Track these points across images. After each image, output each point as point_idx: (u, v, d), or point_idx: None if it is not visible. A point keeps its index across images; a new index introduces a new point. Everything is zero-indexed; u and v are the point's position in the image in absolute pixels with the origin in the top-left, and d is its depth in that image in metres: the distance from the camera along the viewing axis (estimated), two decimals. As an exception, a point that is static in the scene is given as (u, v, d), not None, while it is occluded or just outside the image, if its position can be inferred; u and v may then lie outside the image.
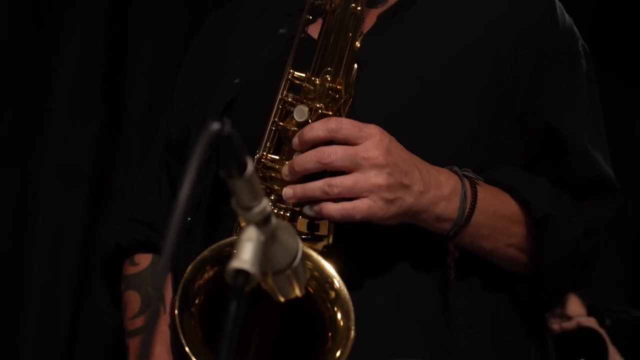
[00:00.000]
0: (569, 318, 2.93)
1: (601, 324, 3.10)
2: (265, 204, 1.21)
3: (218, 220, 1.78)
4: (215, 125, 1.11)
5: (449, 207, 1.65)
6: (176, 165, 1.93)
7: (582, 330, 3.02)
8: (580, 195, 1.77)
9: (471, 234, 1.69)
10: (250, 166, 1.19)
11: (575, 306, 3.10)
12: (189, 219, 1.83)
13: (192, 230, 1.81)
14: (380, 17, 1.80)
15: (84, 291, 2.77)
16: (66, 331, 2.77)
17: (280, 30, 1.85)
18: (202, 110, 1.87)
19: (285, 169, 1.61)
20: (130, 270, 1.94)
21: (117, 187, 2.83)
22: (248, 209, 1.21)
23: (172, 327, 1.80)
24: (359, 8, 1.65)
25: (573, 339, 2.87)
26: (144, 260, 1.94)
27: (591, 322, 3.04)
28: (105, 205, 2.82)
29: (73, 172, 2.80)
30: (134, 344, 1.89)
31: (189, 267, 1.54)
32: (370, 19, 1.80)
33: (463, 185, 1.67)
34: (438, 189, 1.64)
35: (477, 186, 1.69)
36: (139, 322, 1.89)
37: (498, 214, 1.72)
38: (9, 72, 2.75)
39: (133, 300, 1.91)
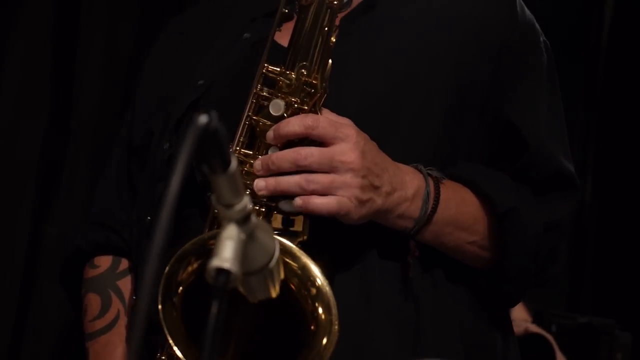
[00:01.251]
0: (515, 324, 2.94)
1: (547, 330, 3.13)
2: (247, 201, 1.18)
3: (182, 222, 1.75)
4: (203, 118, 1.06)
5: (411, 207, 1.68)
6: (137, 168, 1.92)
7: (530, 336, 3.04)
8: (540, 191, 1.80)
9: (433, 232, 1.72)
10: (234, 162, 1.15)
11: (520, 312, 3.12)
12: (149, 218, 1.80)
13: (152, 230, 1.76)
14: (343, 20, 1.80)
15: (30, 290, 2.71)
16: (11, 331, 2.70)
17: (245, 35, 1.84)
18: (164, 114, 1.86)
19: (258, 164, 1.60)
20: (90, 273, 1.92)
21: (64, 186, 2.77)
22: (229, 206, 1.18)
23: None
24: (335, 2, 1.64)
25: (521, 344, 2.87)
26: (103, 262, 1.92)
27: (539, 328, 3.06)
28: (52, 204, 2.76)
29: (20, 170, 2.74)
30: (94, 347, 1.88)
31: (171, 260, 1.50)
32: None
33: (427, 185, 1.69)
34: (403, 190, 1.66)
35: (441, 185, 1.72)
36: (99, 324, 1.88)
37: (460, 212, 1.75)
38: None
39: (93, 302, 1.90)
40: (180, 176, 1.01)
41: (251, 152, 1.63)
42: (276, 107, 1.61)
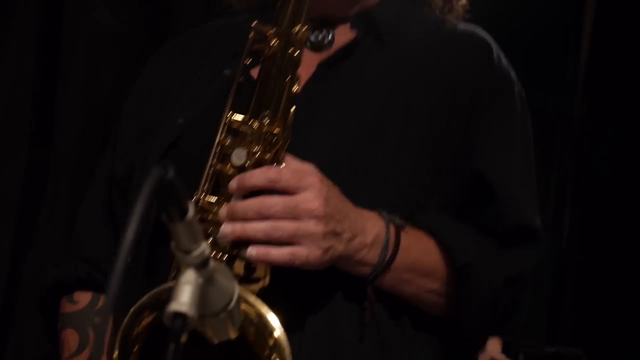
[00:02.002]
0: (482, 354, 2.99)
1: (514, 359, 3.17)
2: (205, 247, 1.23)
3: (157, 261, 1.78)
4: (158, 170, 1.12)
5: (370, 254, 1.69)
6: (119, 201, 1.92)
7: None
8: (504, 242, 1.81)
9: (392, 278, 1.73)
10: (192, 210, 1.20)
11: (494, 344, 3.16)
12: (129, 260, 1.82)
13: (130, 271, 1.80)
14: (320, 64, 1.84)
15: (9, 324, 2.74)
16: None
17: (225, 72, 1.85)
18: (146, 147, 1.87)
19: (223, 212, 1.62)
20: (68, 308, 1.92)
21: (43, 223, 2.81)
22: (187, 252, 1.23)
23: None
24: (296, 53, 1.67)
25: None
26: (83, 298, 1.92)
27: (505, 358, 3.10)
28: (32, 241, 2.79)
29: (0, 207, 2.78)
30: None
31: (128, 314, 1.54)
32: (312, 66, 1.84)
33: (387, 232, 1.71)
34: (362, 236, 1.68)
35: (402, 233, 1.73)
36: None
37: (420, 260, 1.76)
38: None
39: (70, 339, 1.89)
40: (136, 226, 1.06)
41: (214, 200, 1.66)
42: (238, 156, 1.64)
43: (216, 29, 2.03)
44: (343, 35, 1.89)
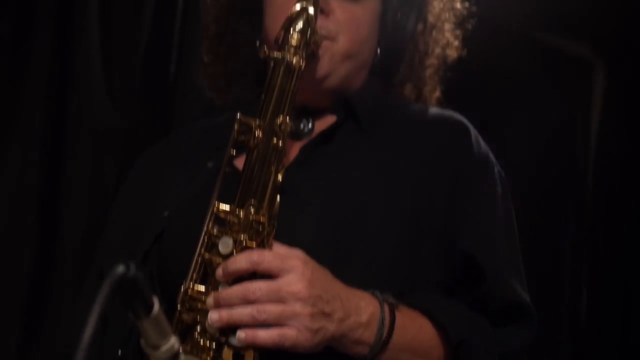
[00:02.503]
0: None
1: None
2: (173, 341, 1.24)
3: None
4: (120, 269, 1.12)
5: (366, 333, 1.70)
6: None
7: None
8: (496, 321, 1.83)
9: (388, 358, 1.73)
10: (157, 306, 1.20)
11: None
12: (120, 352, 1.83)
13: None
14: (302, 149, 1.89)
15: None
16: None
17: (209, 164, 1.91)
18: (132, 245, 1.90)
19: (210, 301, 1.65)
20: None
21: (50, 321, 2.81)
22: (156, 347, 1.23)
23: None
24: (280, 143, 1.71)
25: None
26: None
27: None
28: (37, 340, 2.79)
29: (5, 305, 2.79)
30: None
31: None
32: (294, 151, 1.89)
33: (382, 311, 1.72)
34: (357, 315, 1.69)
35: (397, 312, 1.74)
36: None
37: (416, 339, 1.77)
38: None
39: None
40: (94, 326, 1.06)
41: (203, 289, 1.68)
42: (225, 244, 1.67)
43: (201, 126, 2.10)
44: (323, 121, 1.95)
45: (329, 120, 1.95)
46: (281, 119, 1.72)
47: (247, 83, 2.07)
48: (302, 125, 1.94)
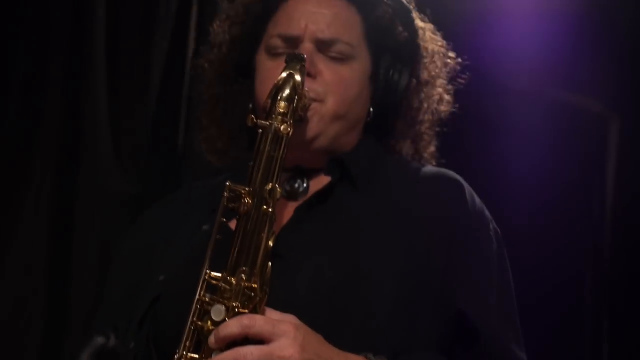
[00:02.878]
0: None
1: None
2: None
3: None
4: (100, 339, 1.14)
5: None
6: None
7: None
8: None
9: None
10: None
11: None
12: None
13: None
14: (297, 210, 1.91)
15: None
16: None
17: (204, 227, 1.93)
18: (128, 309, 1.92)
19: None
20: None
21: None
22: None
23: None
24: (270, 209, 1.73)
25: None
26: None
27: None
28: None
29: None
30: None
31: None
32: (289, 211, 1.91)
33: None
34: None
35: None
36: None
37: None
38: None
39: None
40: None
41: (197, 357, 1.69)
42: (217, 312, 1.69)
43: (200, 186, 2.13)
44: (318, 181, 1.97)
45: (323, 180, 1.97)
46: (270, 185, 1.73)
47: (244, 144, 2.10)
48: (297, 185, 1.96)
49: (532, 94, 3.34)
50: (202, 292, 1.72)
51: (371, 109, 2.03)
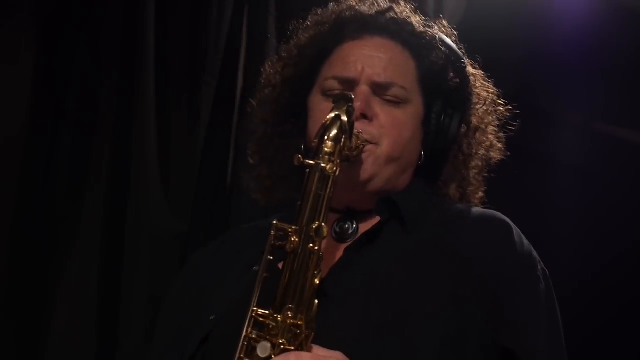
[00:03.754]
0: None
1: None
2: None
3: None
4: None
5: None
6: None
7: None
8: None
9: None
10: None
11: None
12: None
13: None
14: (347, 249, 1.93)
15: None
16: None
17: (255, 268, 1.92)
18: (180, 347, 1.95)
19: None
20: None
21: None
22: None
23: None
24: (316, 247, 1.74)
25: None
26: None
27: None
28: None
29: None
30: None
31: None
32: (338, 253, 1.94)
33: None
34: None
35: None
36: None
37: None
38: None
39: None
40: None
41: None
42: (263, 349, 1.71)
43: (250, 228, 2.16)
44: (367, 222, 1.99)
45: (372, 222, 1.99)
46: (317, 224, 1.75)
47: (293, 184, 2.12)
48: (346, 227, 1.99)
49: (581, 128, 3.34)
50: (249, 329, 1.74)
51: (422, 153, 2.05)
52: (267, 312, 1.74)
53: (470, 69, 2.13)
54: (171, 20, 3.12)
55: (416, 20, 2.13)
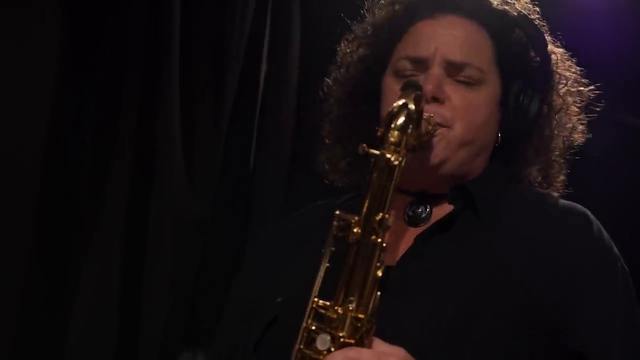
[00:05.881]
0: None
1: None
2: None
3: None
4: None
5: None
6: None
7: None
8: None
9: None
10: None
11: None
12: None
13: None
14: (417, 238, 1.89)
15: None
16: None
17: (323, 250, 1.83)
18: (247, 330, 1.92)
19: None
20: None
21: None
22: None
23: None
24: (379, 240, 1.70)
25: None
26: None
27: None
28: None
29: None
30: None
31: None
32: (409, 238, 1.90)
33: None
34: None
35: None
36: None
37: None
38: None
39: None
40: None
41: None
42: (323, 341, 1.67)
43: (322, 207, 2.09)
44: (441, 208, 1.94)
45: (447, 207, 1.94)
46: (380, 215, 1.70)
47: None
48: (419, 211, 1.95)
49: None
50: (309, 320, 1.70)
51: (499, 135, 2.00)
52: (327, 303, 1.70)
53: (552, 47, 2.06)
54: (196, 5, 3.09)
55: None
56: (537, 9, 2.08)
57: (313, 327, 1.70)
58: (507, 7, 2.03)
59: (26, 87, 2.80)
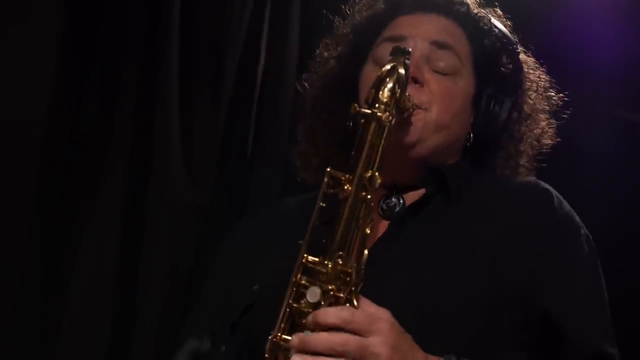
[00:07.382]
0: None
1: None
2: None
3: None
4: (194, 342, 1.16)
5: None
6: None
7: None
8: None
9: None
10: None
11: None
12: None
13: None
14: (391, 224, 1.95)
15: None
16: None
17: (300, 242, 1.89)
18: (224, 314, 1.97)
19: (295, 341, 1.68)
20: None
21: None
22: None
23: None
24: (369, 196, 1.74)
25: None
26: None
27: None
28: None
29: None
30: None
31: None
32: (383, 225, 1.96)
33: None
34: None
35: None
36: None
37: None
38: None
39: None
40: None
41: (290, 338, 1.71)
42: (313, 294, 1.71)
43: (294, 201, 2.16)
44: (412, 194, 2.01)
45: (418, 192, 2.00)
46: (370, 172, 1.74)
47: (339, 165, 2.09)
48: (392, 204, 2.00)
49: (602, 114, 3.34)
50: (298, 275, 1.74)
51: (471, 135, 2.06)
52: (317, 259, 1.74)
53: (523, 56, 2.14)
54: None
55: (472, 1, 2.14)
56: (509, 22, 2.17)
57: (303, 281, 1.73)
58: (483, 13, 2.12)
59: (25, 75, 2.81)
